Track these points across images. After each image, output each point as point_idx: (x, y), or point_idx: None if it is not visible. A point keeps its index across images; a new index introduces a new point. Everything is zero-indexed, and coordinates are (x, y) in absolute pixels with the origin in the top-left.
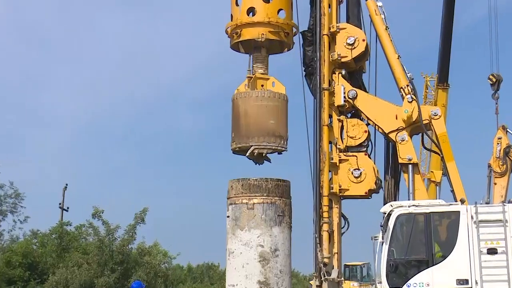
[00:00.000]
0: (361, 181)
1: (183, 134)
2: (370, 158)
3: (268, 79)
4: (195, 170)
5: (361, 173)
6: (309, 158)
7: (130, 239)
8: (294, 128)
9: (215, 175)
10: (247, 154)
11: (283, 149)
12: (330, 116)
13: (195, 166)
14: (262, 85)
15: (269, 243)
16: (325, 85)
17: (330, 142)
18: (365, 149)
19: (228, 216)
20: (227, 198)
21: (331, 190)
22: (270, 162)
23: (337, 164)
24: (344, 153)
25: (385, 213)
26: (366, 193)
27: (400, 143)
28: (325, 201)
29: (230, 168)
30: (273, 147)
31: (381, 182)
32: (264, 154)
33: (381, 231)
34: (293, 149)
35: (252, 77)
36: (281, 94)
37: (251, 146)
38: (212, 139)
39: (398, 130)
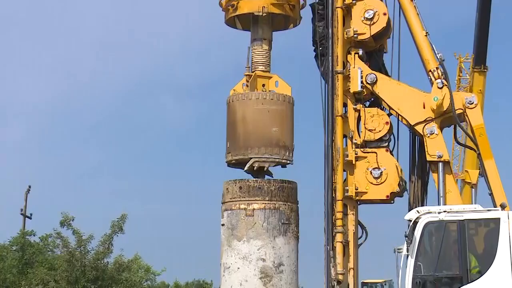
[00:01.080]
0: (381, 183)
1: (169, 127)
2: (393, 155)
3: (271, 77)
4: (184, 169)
5: (381, 173)
6: (321, 155)
7: (105, 251)
8: (300, 115)
9: (207, 175)
10: (246, 168)
11: (288, 162)
12: (345, 105)
13: (184, 165)
14: (264, 85)
15: (272, 257)
16: (339, 68)
17: (344, 136)
18: (386, 144)
19: (223, 224)
20: (222, 203)
21: (346, 194)
22: (272, 177)
23: (353, 163)
24: (362, 149)
25: (411, 221)
26: (387, 196)
27: (428, 137)
28: (338, 206)
29: (225, 167)
30: (277, 160)
31: (405, 183)
32: (265, 168)
33: (405, 242)
34: (300, 144)
35: (251, 75)
36: (286, 96)
37: (250, 158)
38: (204, 133)
39: (426, 121)
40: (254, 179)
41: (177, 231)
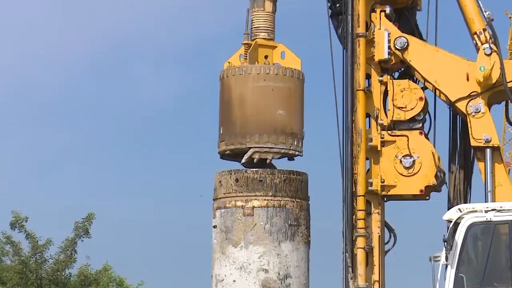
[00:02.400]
0: (414, 174)
1: (147, 105)
2: (428, 139)
3: (275, 47)
4: (166, 158)
5: (414, 161)
6: (337, 139)
7: (67, 260)
8: (311, 93)
9: (195, 165)
10: (243, 161)
11: (296, 153)
12: (368, 77)
13: (166, 153)
14: (266, 57)
15: (277, 266)
16: (360, 30)
17: (367, 116)
18: (420, 125)
19: (214, 226)
20: (214, 199)
21: (369, 188)
22: (275, 168)
23: (379, 149)
24: (389, 132)
25: (451, 222)
26: (421, 191)
27: (473, 116)
28: (360, 203)
29: (218, 158)
30: (282, 151)
31: (444, 175)
32: (268, 161)
33: (444, 248)
34: (310, 128)
35: (250, 43)
36: (295, 71)
37: (249, 148)
38: (191, 114)
39: (470, 96)
40: (254, 169)
41: (158, 235)
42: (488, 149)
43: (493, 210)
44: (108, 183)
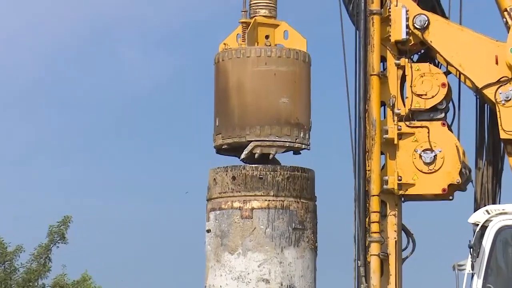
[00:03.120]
0: (435, 171)
1: (131, 92)
2: (452, 131)
3: (278, 26)
4: (153, 153)
5: (435, 156)
6: (348, 131)
7: (40, 269)
8: (317, 78)
9: (186, 161)
10: (243, 156)
11: (302, 146)
12: (383, 60)
13: (153, 147)
14: (267, 37)
15: (279, 276)
16: (375, 7)
17: (383, 104)
18: (442, 115)
19: (208, 230)
20: (207, 200)
21: (385, 186)
22: (279, 164)
23: (395, 142)
24: (408, 123)
25: (478, 225)
26: (444, 190)
27: (503, 105)
28: (374, 204)
29: (214, 153)
30: (287, 144)
31: (470, 171)
32: (271, 156)
33: (469, 256)
34: (317, 119)
35: (249, 22)
36: (300, 53)
37: (249, 142)
38: (181, 102)
39: (499, 82)
40: (253, 165)
41: (144, 240)
42: None
43: None
44: (89, 181)
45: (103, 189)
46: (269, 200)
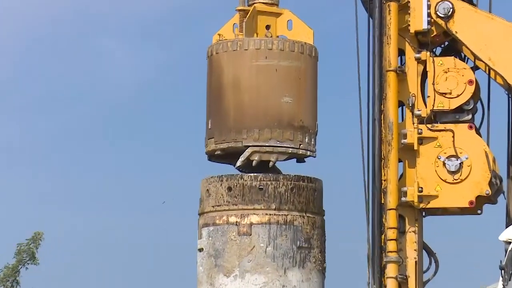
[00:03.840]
0: (461, 180)
1: (113, 90)
2: (480, 134)
3: (280, 14)
4: (137, 156)
5: (461, 164)
6: (360, 135)
7: None
8: (323, 75)
9: (175, 168)
10: (239, 163)
11: (307, 152)
12: (401, 53)
13: (137, 150)
14: (268, 27)
15: None
16: None
17: (401, 105)
18: (469, 116)
19: (200, 249)
20: (199, 214)
21: (403, 199)
22: (281, 173)
23: (415, 147)
24: (430, 126)
25: (510, 243)
26: (471, 203)
27: None
28: (391, 219)
29: (206, 160)
30: (290, 150)
31: (501, 181)
32: (271, 163)
33: (501, 278)
34: (325, 118)
35: (247, 10)
36: (306, 46)
37: (247, 147)
38: (169, 100)
39: None
40: (252, 174)
41: (127, 260)
42: None
43: None
44: (63, 192)
45: (79, 201)
46: (270, 214)
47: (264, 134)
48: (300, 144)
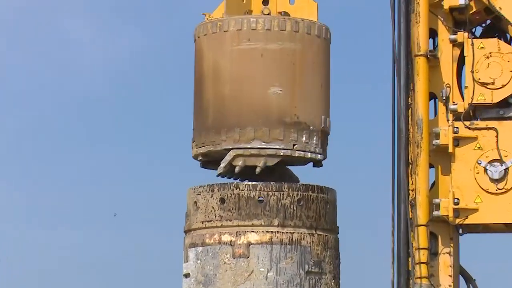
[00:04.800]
0: (506, 190)
1: (82, 77)
2: None
3: None
4: (112, 159)
5: (507, 170)
6: (379, 136)
7: None
8: (340, 59)
9: (158, 173)
10: (219, 171)
11: (308, 154)
12: (433, 34)
13: (110, 153)
14: (266, 2)
15: None
16: None
17: (432, 97)
18: None
19: (186, 275)
20: (185, 232)
21: (435, 213)
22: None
23: (450, 150)
24: (468, 123)
25: None
26: None
27: None
28: (421, 238)
29: (196, 165)
30: (282, 152)
31: None
32: (258, 169)
33: None
34: (339, 114)
35: None
36: (305, 23)
37: (229, 150)
38: (151, 89)
39: None
40: (250, 183)
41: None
42: None
43: None
44: (20, 204)
45: (45, 214)
46: (272, 232)
47: (246, 133)
48: (294, 145)
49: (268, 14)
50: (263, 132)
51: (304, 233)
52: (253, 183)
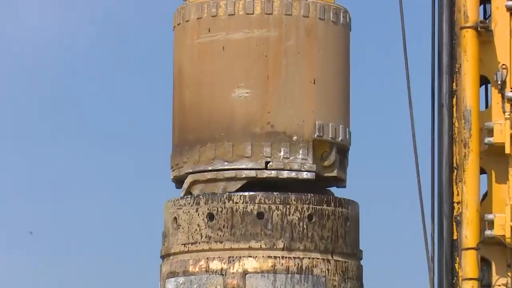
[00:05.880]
0: None
1: (31, 61)
2: None
3: None
4: (75, 160)
5: None
6: (411, 132)
7: None
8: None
9: (129, 183)
10: (181, 194)
11: (292, 174)
12: (485, 0)
13: (66, 149)
14: None
15: None
16: None
17: (484, 82)
18: None
19: None
20: (162, 257)
21: (488, 232)
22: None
23: (507, 151)
24: None
25: None
26: None
27: None
28: (469, 265)
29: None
30: (243, 175)
31: None
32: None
33: None
34: (357, 105)
35: None
36: (284, 2)
37: (188, 175)
38: (118, 75)
39: None
40: (246, 194)
41: None
42: None
43: None
44: None
45: None
46: (275, 258)
47: (206, 152)
48: (267, 162)
49: None
50: (224, 149)
51: (317, 258)
52: (251, 193)
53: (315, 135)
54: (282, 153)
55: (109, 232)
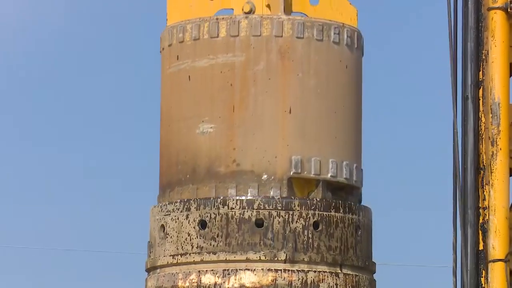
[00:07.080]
0: None
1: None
2: None
3: None
4: (56, 163)
5: None
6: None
7: None
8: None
9: (108, 191)
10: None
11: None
12: None
13: (43, 153)
14: None
15: None
16: None
17: None
18: None
19: None
20: (148, 270)
21: None
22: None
23: None
24: None
25: None
26: None
27: None
28: (498, 279)
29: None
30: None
31: None
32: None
33: None
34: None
35: None
36: (254, 22)
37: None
38: (92, 69)
39: None
40: (244, 198)
41: None
42: None
43: None
44: None
45: None
46: (276, 271)
47: (173, 197)
48: (229, 203)
49: (249, 12)
50: (189, 193)
51: (324, 272)
52: (248, 198)
53: (291, 172)
54: (249, 195)
55: (90, 242)
